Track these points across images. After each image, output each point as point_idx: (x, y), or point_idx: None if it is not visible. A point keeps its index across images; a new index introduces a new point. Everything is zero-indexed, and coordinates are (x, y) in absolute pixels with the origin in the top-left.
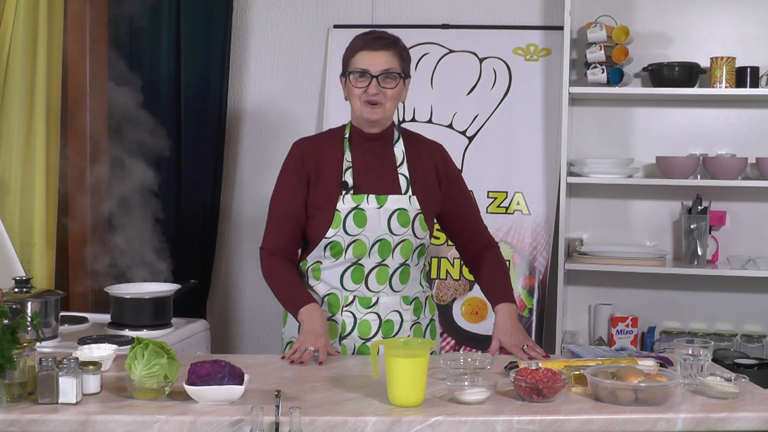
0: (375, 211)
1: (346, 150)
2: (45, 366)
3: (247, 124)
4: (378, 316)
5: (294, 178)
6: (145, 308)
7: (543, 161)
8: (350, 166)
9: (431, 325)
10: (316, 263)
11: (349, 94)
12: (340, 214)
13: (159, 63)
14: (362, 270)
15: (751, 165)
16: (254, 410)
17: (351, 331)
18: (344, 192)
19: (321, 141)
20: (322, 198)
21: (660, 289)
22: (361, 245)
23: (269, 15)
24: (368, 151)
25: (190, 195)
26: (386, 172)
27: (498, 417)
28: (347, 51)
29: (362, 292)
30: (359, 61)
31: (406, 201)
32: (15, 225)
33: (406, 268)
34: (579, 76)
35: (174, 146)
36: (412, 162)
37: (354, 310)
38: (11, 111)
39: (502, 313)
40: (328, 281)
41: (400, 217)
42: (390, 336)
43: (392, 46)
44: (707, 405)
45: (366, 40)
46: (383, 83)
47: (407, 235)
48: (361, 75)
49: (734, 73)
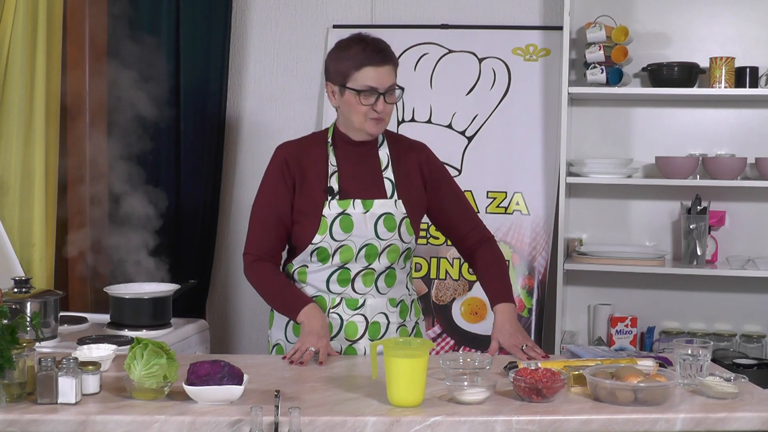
0: (361, 216)
1: (331, 154)
2: (44, 366)
3: (247, 124)
4: (365, 318)
5: (279, 182)
6: (144, 308)
7: (542, 161)
8: (335, 170)
9: (416, 328)
10: (302, 267)
11: (350, 107)
12: (327, 220)
13: (158, 63)
14: (348, 273)
15: (750, 165)
16: (253, 410)
17: (338, 333)
18: (330, 197)
19: (305, 145)
20: (308, 203)
21: (659, 289)
22: (348, 250)
23: (269, 15)
24: (353, 156)
25: (189, 195)
26: (371, 176)
27: (497, 417)
28: (346, 62)
29: (349, 294)
30: (366, 78)
31: (392, 205)
32: (15, 225)
33: (392, 272)
34: (578, 76)
35: (173, 146)
36: (396, 165)
37: (341, 311)
38: (11, 111)
39: (501, 313)
40: (315, 284)
41: (387, 221)
42: (377, 338)
43: (392, 59)
44: (706, 405)
45: (368, 54)
46: (388, 99)
47: (394, 239)
48: (369, 92)
49: (734, 73)
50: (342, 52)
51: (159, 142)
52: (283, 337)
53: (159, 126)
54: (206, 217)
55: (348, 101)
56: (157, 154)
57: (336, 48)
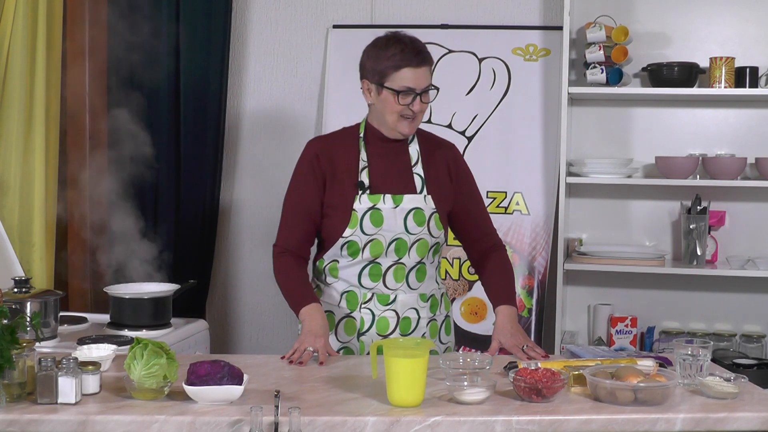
0: (391, 210)
1: (362, 150)
2: (44, 366)
3: (247, 125)
4: (396, 313)
5: (309, 176)
6: (144, 308)
7: (542, 161)
8: (366, 165)
9: (446, 321)
10: (333, 262)
11: (386, 106)
12: (357, 214)
13: (158, 63)
14: (379, 268)
15: (750, 165)
16: (253, 410)
17: (369, 328)
18: (360, 192)
19: (336, 140)
20: (339, 198)
21: (659, 289)
22: (378, 244)
23: (269, 15)
24: (384, 151)
25: (189, 195)
26: (402, 171)
27: (497, 417)
28: (384, 61)
29: (380, 290)
30: (404, 79)
31: (422, 200)
32: (14, 225)
33: (422, 266)
34: (578, 76)
35: (173, 146)
36: (426, 161)
37: (372, 307)
38: (10, 111)
39: (502, 314)
40: (346, 279)
41: (416, 216)
42: (407, 333)
43: (429, 60)
44: (706, 405)
45: (407, 55)
46: (423, 99)
47: (423, 234)
48: (406, 93)
49: (733, 73)
50: (380, 51)
51: (159, 141)
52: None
53: (159, 126)
54: (206, 216)
55: (385, 100)
56: (157, 154)
57: (373, 46)
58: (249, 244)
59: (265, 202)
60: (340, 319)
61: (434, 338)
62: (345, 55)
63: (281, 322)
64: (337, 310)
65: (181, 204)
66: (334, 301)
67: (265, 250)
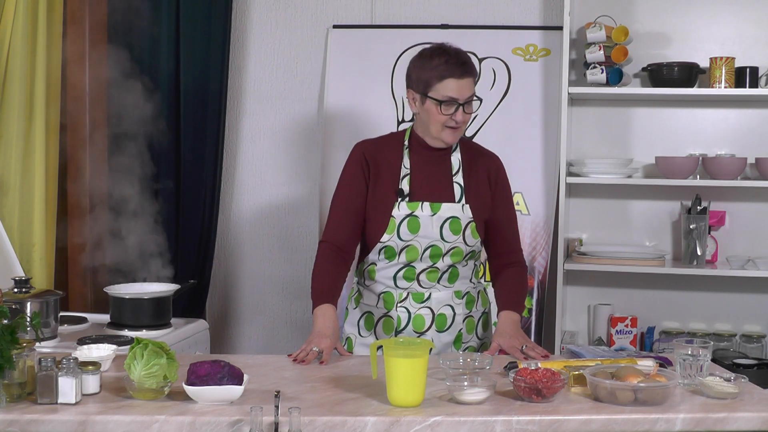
0: (428, 218)
1: (405, 157)
2: (44, 366)
3: (247, 125)
4: (431, 311)
5: (358, 176)
6: (144, 308)
7: (542, 161)
8: (408, 173)
9: (483, 317)
10: (372, 265)
11: (430, 116)
12: (395, 220)
13: (158, 63)
14: (414, 271)
15: (750, 165)
16: (253, 410)
17: (406, 326)
18: (400, 199)
19: (381, 145)
20: (379, 203)
21: (659, 289)
22: (413, 250)
23: (269, 15)
24: (427, 159)
25: (189, 195)
26: (442, 179)
27: (497, 417)
28: (429, 72)
29: (415, 289)
30: (447, 89)
31: (459, 209)
32: (14, 225)
33: (454, 269)
34: (578, 76)
35: (173, 146)
36: (467, 171)
37: (408, 305)
38: (11, 111)
39: (504, 318)
40: (383, 281)
41: (453, 224)
42: (443, 329)
43: (473, 71)
44: (706, 405)
45: (451, 66)
46: (467, 109)
47: (458, 242)
48: (449, 103)
49: (733, 73)
50: (425, 62)
51: (159, 141)
52: (356, 332)
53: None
54: (206, 216)
55: (428, 110)
56: (156, 154)
57: (419, 57)
58: (249, 244)
59: (265, 202)
60: (379, 318)
61: (471, 334)
62: (345, 55)
63: (281, 322)
64: (375, 311)
65: (181, 204)
66: (373, 302)
67: (265, 250)
